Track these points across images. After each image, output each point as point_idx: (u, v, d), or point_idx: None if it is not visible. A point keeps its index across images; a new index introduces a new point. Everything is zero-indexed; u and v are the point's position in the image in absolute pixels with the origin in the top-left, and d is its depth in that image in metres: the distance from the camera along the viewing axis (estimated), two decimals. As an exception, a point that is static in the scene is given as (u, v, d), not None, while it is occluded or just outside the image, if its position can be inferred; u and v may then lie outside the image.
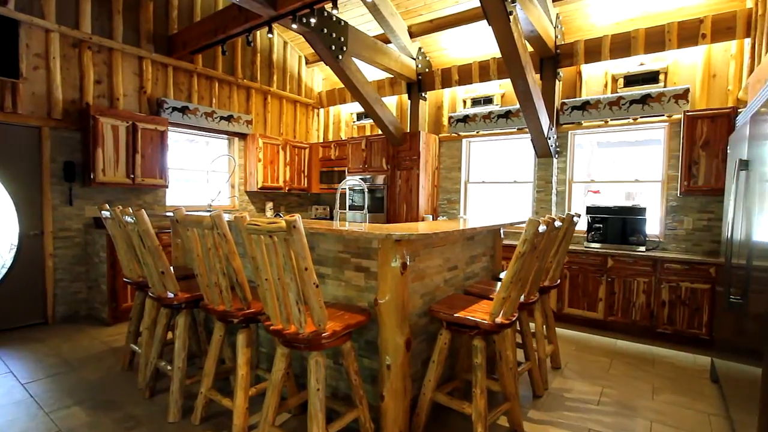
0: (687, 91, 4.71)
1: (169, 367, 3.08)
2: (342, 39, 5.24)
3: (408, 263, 2.56)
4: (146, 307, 3.51)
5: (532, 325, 4.76)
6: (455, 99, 6.83)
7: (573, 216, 3.34)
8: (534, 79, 4.63)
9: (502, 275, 3.87)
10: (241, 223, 2.19)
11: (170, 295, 2.99)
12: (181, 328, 3.00)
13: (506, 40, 4.05)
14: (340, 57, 5.27)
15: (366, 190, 3.59)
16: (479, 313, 2.53)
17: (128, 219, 2.98)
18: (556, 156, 5.62)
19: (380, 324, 2.56)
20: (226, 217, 2.99)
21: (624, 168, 5.53)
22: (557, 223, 3.02)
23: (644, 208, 4.83)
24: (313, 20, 4.77)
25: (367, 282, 2.73)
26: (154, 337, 3.31)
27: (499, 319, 2.40)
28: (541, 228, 2.35)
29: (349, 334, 2.42)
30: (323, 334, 2.16)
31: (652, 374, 3.78)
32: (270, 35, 4.99)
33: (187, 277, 3.63)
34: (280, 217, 4.04)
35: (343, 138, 8.29)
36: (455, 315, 2.49)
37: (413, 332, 2.76)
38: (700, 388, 3.50)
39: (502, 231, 4.09)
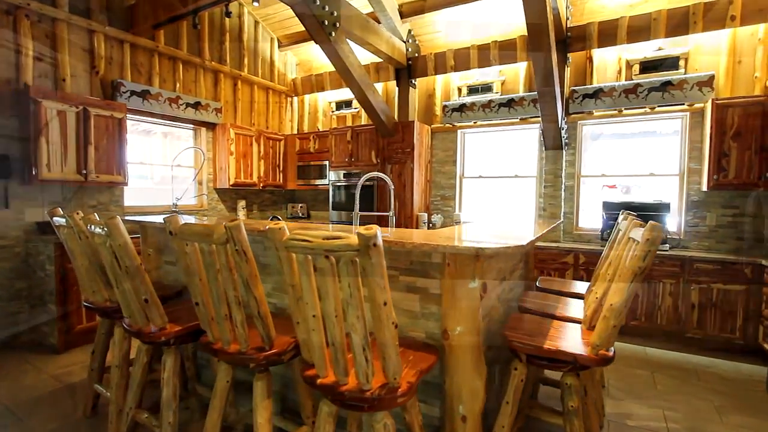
0: (712, 77, 4.40)
1: (154, 422, 2.38)
2: (335, 13, 4.55)
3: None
4: (116, 338, 2.75)
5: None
6: (449, 86, 6.29)
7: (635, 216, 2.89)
8: (555, 60, 4.17)
9: (538, 283, 3.39)
10: (278, 236, 1.55)
11: (154, 329, 2.28)
12: (171, 370, 2.30)
13: (537, 12, 3.55)
14: (333, 34, 4.58)
15: (392, 186, 2.97)
16: (569, 342, 2.01)
17: (98, 230, 2.24)
18: (566, 147, 5.21)
19: (450, 363, 1.99)
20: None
21: (625, 162, 5.19)
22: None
23: (668, 204, 4.49)
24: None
25: (424, 307, 2.14)
26: (130, 379, 2.56)
27: (603, 352, 1.89)
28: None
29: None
30: (399, 390, 1.57)
31: (703, 388, 3.41)
32: (256, 3, 4.25)
33: (165, 299, 2.90)
34: (278, 220, 3.36)
35: (321, 129, 7.59)
36: (545, 347, 1.95)
37: (477, 366, 2.21)
38: (763, 405, 3.15)
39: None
